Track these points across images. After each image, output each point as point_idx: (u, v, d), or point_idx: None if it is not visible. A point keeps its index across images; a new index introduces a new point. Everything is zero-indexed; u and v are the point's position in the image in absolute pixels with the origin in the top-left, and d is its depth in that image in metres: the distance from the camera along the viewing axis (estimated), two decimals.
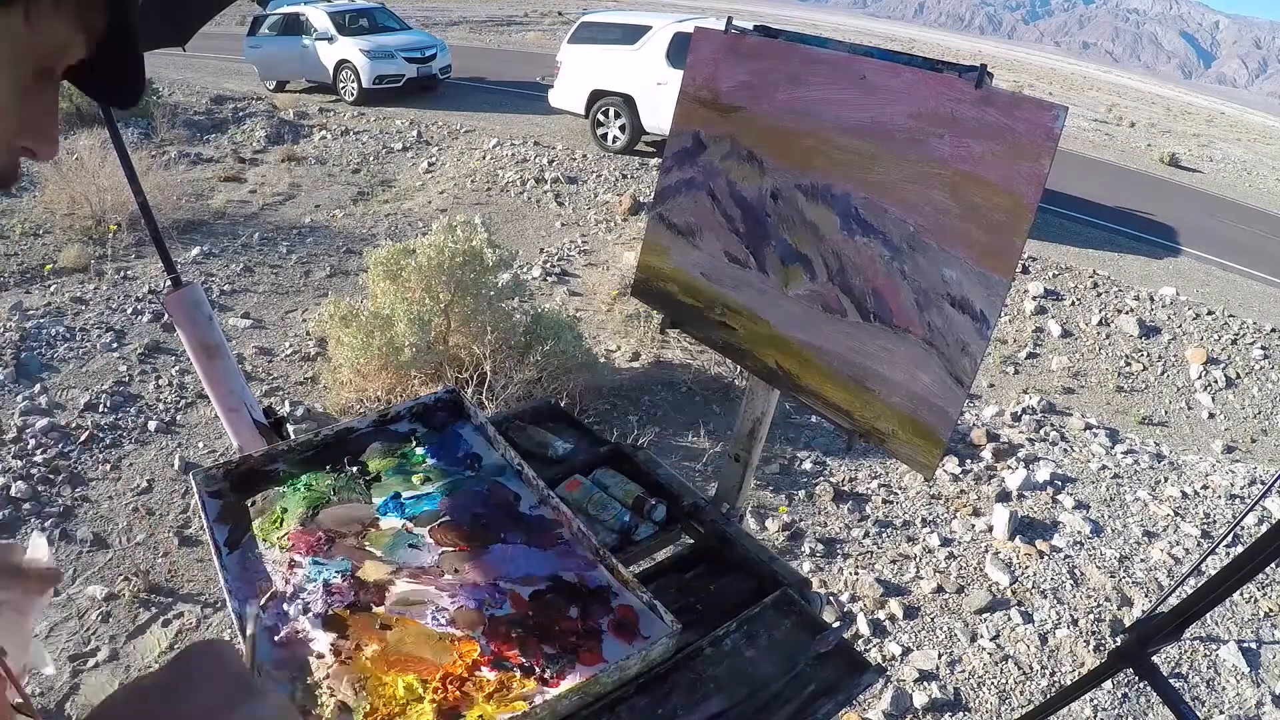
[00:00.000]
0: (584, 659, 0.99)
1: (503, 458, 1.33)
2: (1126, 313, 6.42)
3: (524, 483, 1.28)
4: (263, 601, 1.02)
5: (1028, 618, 3.13)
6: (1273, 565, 1.16)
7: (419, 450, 1.34)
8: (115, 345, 4.62)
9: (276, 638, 0.98)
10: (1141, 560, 3.57)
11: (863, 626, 3.03)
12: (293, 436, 1.44)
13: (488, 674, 0.95)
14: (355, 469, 1.28)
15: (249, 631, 0.88)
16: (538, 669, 0.97)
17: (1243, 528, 3.71)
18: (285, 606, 1.02)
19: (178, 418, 4.06)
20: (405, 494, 1.24)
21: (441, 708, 0.91)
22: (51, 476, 3.46)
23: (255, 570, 1.07)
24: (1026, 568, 3.44)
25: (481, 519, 1.20)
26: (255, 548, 1.11)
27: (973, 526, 3.72)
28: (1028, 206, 0.98)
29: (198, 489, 1.19)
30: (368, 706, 0.90)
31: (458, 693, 0.93)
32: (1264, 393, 5.62)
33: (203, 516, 1.14)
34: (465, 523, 1.19)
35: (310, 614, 1.01)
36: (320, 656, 0.96)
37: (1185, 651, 3.05)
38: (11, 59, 0.40)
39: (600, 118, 9.28)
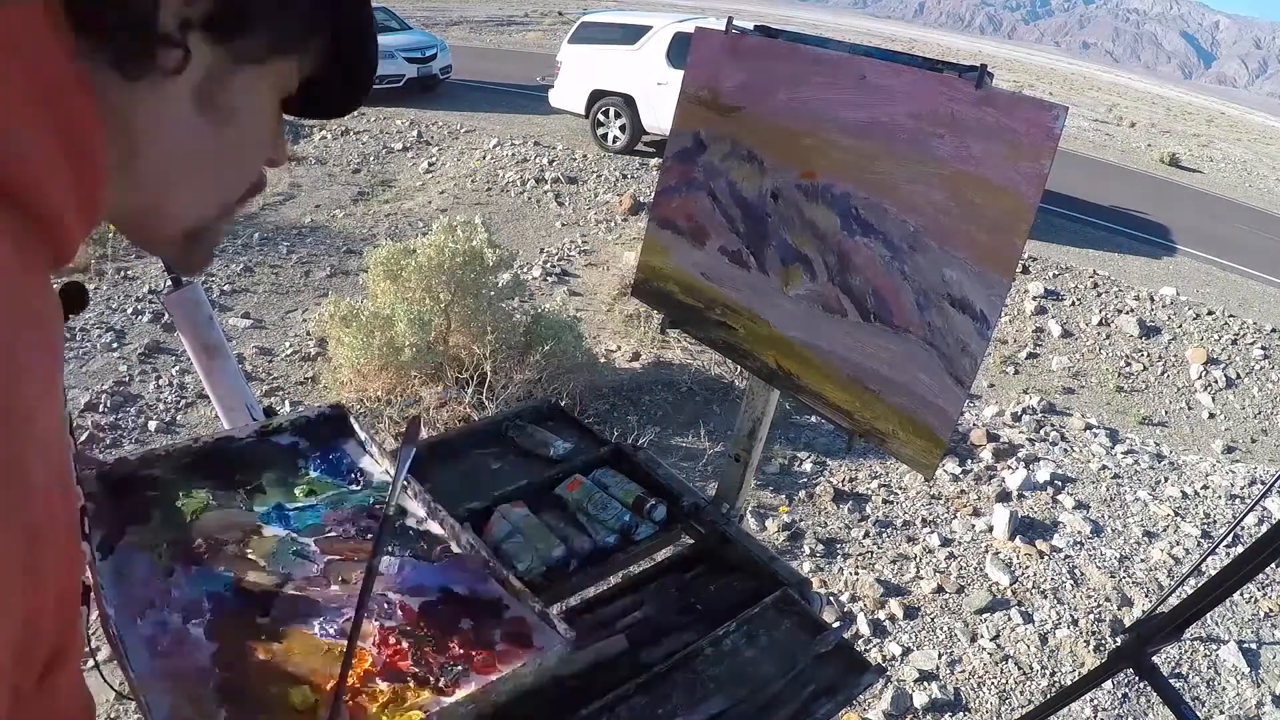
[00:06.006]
0: (478, 668, 0.98)
1: (387, 473, 1.29)
2: (1126, 313, 6.42)
3: (411, 498, 1.25)
4: (141, 611, 0.98)
5: (1028, 618, 3.13)
6: (1273, 565, 1.16)
7: (300, 463, 1.30)
8: (115, 345, 4.63)
9: (158, 648, 0.94)
10: (1141, 560, 3.57)
11: (863, 626, 3.03)
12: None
13: (381, 684, 0.94)
14: (236, 477, 1.23)
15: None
16: (432, 679, 0.95)
17: (1243, 528, 3.71)
18: (165, 616, 0.98)
19: (178, 418, 4.06)
20: (289, 505, 1.20)
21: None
22: None
23: (130, 577, 1.03)
24: (1026, 568, 3.44)
25: (368, 531, 1.17)
26: (129, 555, 1.06)
27: (973, 526, 3.72)
28: (1028, 206, 0.99)
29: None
30: (260, 719, 0.88)
31: (352, 702, 0.91)
32: (1264, 393, 5.62)
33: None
34: (352, 534, 1.16)
35: (191, 624, 0.97)
36: (203, 668, 0.92)
37: (1185, 651, 3.05)
38: (278, 94, 0.50)
39: (600, 118, 9.28)
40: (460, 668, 0.97)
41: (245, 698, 0.89)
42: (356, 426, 1.36)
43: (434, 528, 1.19)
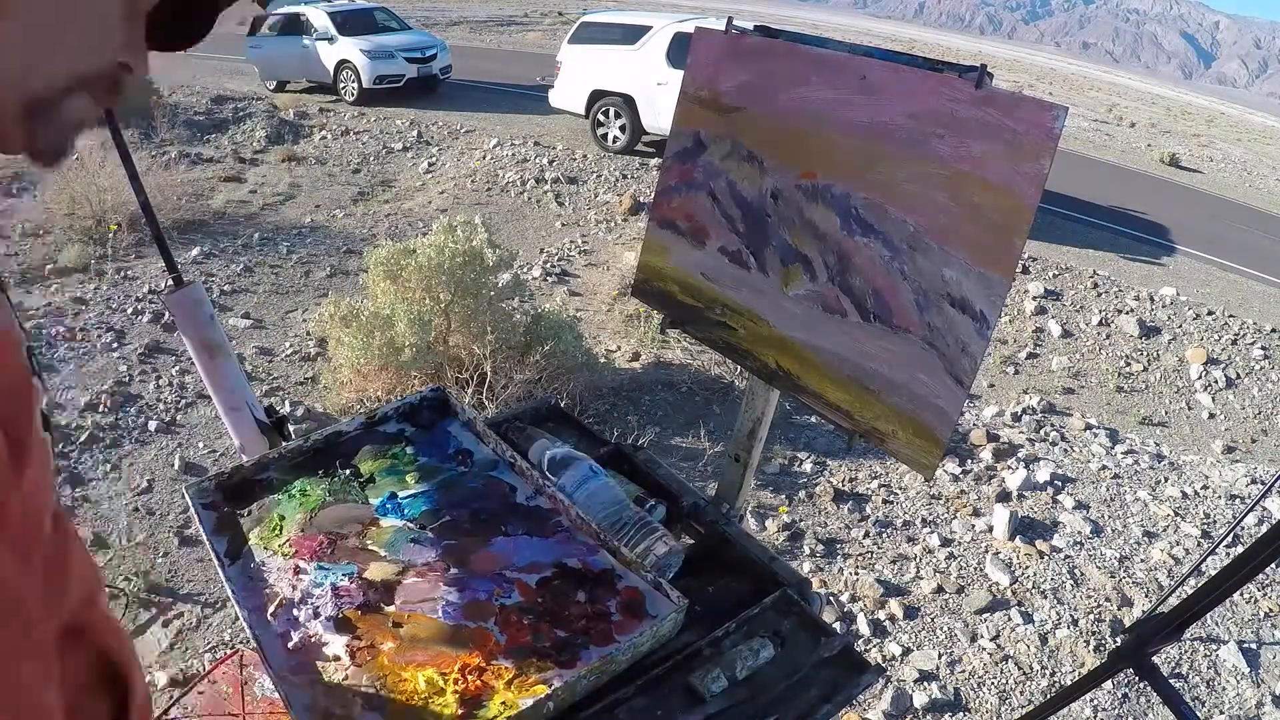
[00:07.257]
0: (596, 640, 1.01)
1: (494, 452, 1.33)
2: (1126, 313, 6.42)
3: (518, 474, 1.28)
4: (271, 610, 1.02)
5: (1028, 618, 3.14)
6: (1273, 565, 1.16)
7: (408, 450, 1.34)
8: (115, 345, 4.63)
9: (290, 644, 0.98)
10: (1141, 560, 3.57)
11: (863, 626, 3.03)
12: (294, 436, 1.44)
13: (504, 662, 0.97)
14: (348, 472, 1.28)
15: None
16: (553, 653, 0.99)
17: (1243, 528, 3.71)
18: (295, 612, 1.02)
19: (178, 418, 4.06)
20: (401, 494, 1.24)
21: (464, 697, 0.92)
22: None
23: (259, 579, 1.08)
24: (1026, 568, 3.44)
25: (481, 513, 1.21)
26: (254, 558, 1.11)
27: (973, 526, 3.72)
28: (1028, 207, 0.98)
29: (192, 503, 1.19)
30: (391, 703, 0.91)
31: (478, 681, 0.94)
32: (1264, 393, 5.62)
33: (201, 530, 1.15)
34: (465, 517, 1.20)
35: (321, 618, 1.02)
36: (336, 659, 0.97)
37: (1185, 651, 3.05)
38: None
39: (600, 118, 9.28)
40: (579, 640, 1.01)
41: (377, 685, 0.94)
42: (459, 407, 1.39)
43: (543, 503, 1.23)
